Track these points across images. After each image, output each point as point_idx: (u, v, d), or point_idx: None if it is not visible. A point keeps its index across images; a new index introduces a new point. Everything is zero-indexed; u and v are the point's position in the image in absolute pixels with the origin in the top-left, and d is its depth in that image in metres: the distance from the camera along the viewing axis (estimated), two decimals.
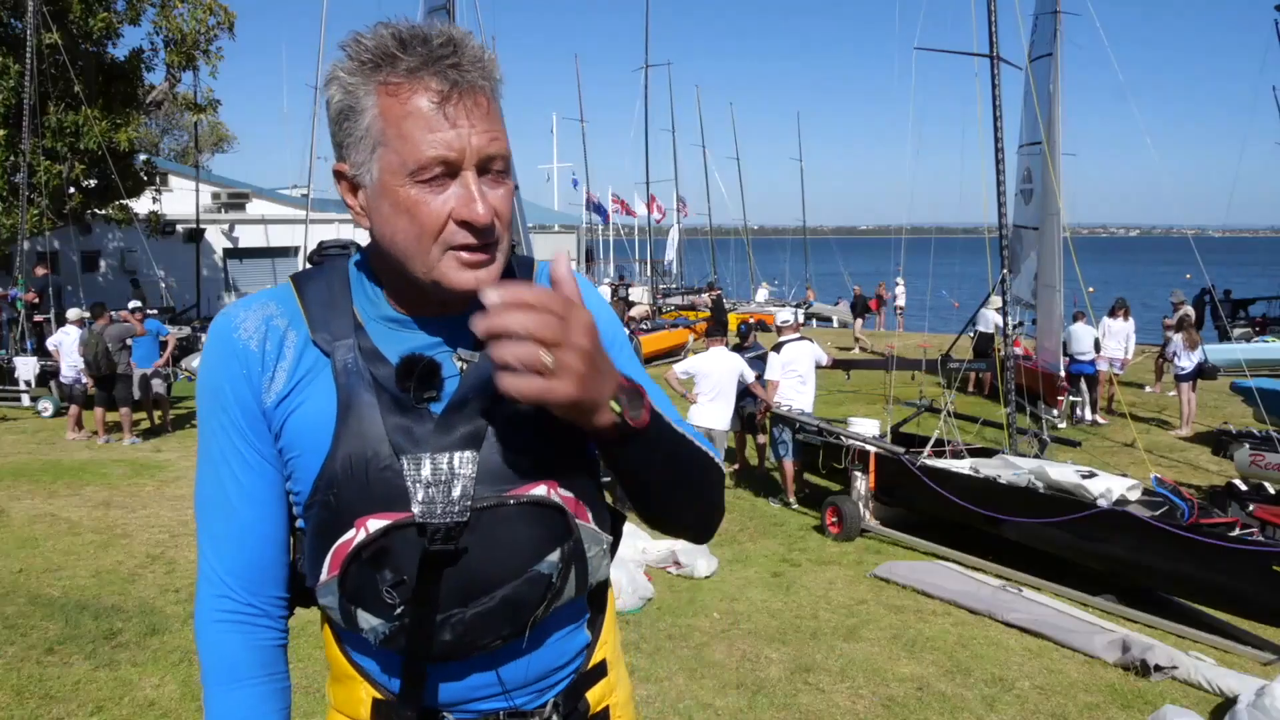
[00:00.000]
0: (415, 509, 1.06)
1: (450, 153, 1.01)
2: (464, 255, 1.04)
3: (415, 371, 1.07)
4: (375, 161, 1.03)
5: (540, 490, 1.10)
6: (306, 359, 1.12)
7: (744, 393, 8.24)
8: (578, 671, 1.22)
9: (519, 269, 1.21)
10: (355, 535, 1.07)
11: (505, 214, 1.06)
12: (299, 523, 1.16)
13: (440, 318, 1.13)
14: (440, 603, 1.07)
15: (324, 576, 1.10)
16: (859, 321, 23.15)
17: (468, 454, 1.07)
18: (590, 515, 1.15)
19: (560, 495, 1.11)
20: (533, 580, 1.09)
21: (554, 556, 1.10)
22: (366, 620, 1.08)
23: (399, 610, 1.06)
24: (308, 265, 1.22)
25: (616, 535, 1.25)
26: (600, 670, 1.26)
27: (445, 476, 1.06)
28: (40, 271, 15.58)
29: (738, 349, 9.36)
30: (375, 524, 1.06)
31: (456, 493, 1.06)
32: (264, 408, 1.12)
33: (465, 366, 1.11)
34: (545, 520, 1.10)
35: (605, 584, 1.28)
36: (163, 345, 11.98)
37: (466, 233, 1.03)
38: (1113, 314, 13.25)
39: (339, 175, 1.09)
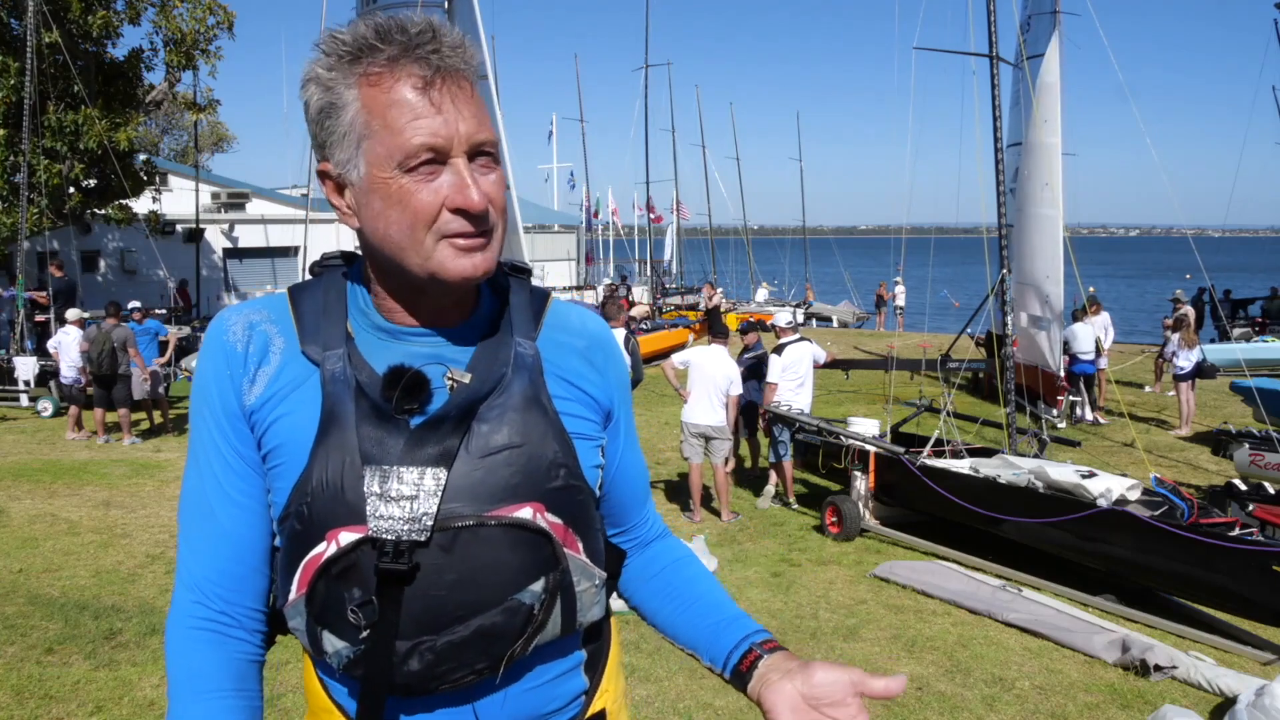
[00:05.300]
0: (370, 523, 1.00)
1: (438, 139, 0.98)
2: (460, 242, 1.01)
3: (401, 381, 1.03)
4: (361, 156, 1.00)
5: (525, 513, 1.03)
6: (291, 369, 1.08)
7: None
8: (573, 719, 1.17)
9: (534, 299, 1.17)
10: (326, 549, 1.02)
11: (499, 200, 1.03)
12: (276, 540, 1.11)
13: (433, 330, 1.09)
14: (407, 627, 1.00)
15: (293, 595, 1.05)
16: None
17: (435, 470, 1.01)
18: (582, 547, 1.09)
19: (547, 520, 1.04)
20: (511, 610, 1.02)
21: (537, 586, 1.03)
22: (331, 643, 1.03)
23: (364, 633, 1.00)
24: (307, 276, 1.19)
25: (615, 574, 1.19)
26: None
27: (410, 492, 1.01)
28: (58, 273, 15.60)
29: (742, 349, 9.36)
30: (347, 537, 1.01)
31: (418, 510, 1.00)
32: (245, 409, 1.08)
33: (454, 386, 1.06)
34: (529, 546, 1.03)
35: (603, 627, 1.21)
36: (162, 346, 12.00)
37: (462, 220, 1.00)
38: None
39: (323, 175, 1.06)
